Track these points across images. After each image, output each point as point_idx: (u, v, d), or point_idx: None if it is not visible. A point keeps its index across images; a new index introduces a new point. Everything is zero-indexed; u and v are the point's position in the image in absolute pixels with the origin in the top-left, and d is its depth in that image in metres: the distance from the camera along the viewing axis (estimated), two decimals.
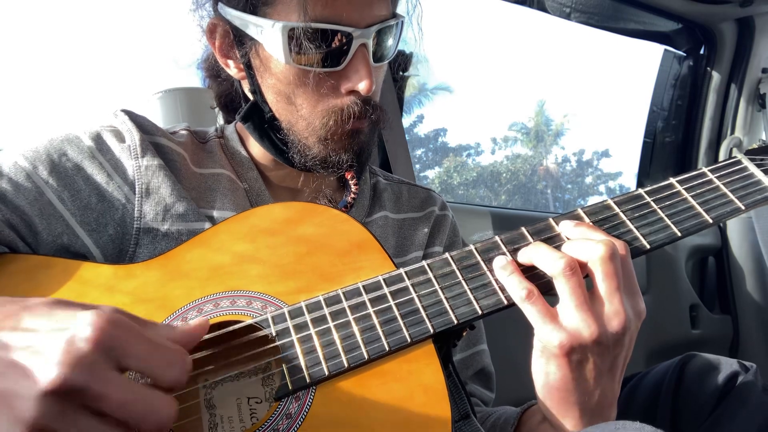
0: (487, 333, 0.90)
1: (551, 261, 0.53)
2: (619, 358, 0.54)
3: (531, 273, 0.56)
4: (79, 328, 0.39)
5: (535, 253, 0.56)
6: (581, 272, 0.53)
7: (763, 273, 2.05)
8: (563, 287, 0.52)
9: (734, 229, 2.14)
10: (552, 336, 0.51)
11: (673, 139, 2.24)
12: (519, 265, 0.57)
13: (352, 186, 0.79)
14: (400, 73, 1.60)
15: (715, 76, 2.12)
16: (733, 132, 2.14)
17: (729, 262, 2.13)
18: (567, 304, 0.52)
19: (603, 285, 0.52)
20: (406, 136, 1.69)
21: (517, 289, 0.54)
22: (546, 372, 0.54)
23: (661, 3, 1.90)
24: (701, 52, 2.16)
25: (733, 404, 0.71)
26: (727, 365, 0.75)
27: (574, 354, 0.52)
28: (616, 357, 0.53)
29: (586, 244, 0.54)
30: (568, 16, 1.89)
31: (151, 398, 0.40)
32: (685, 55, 2.19)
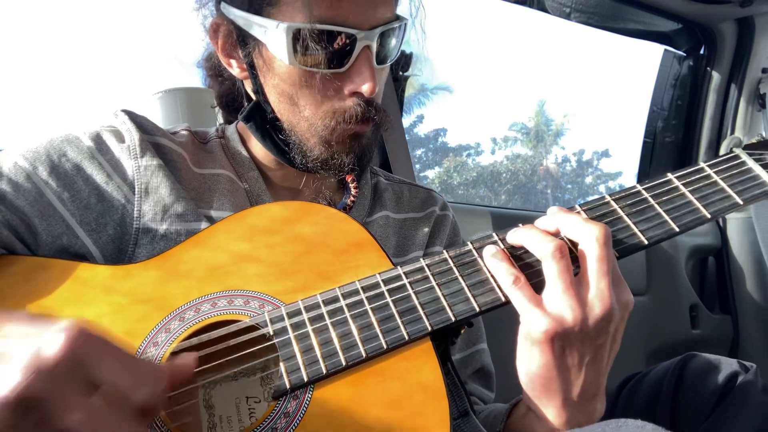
0: (487, 333, 0.90)
1: (541, 243, 0.54)
2: (604, 348, 0.53)
3: (521, 263, 0.57)
4: (51, 337, 0.38)
5: (526, 235, 0.56)
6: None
7: (763, 273, 2.05)
8: (551, 269, 0.52)
9: (734, 229, 2.14)
10: (536, 322, 0.51)
11: (673, 139, 2.24)
12: (511, 253, 0.57)
13: (352, 189, 0.79)
14: (401, 73, 1.60)
15: (715, 76, 2.12)
16: (733, 132, 2.14)
17: (729, 262, 2.13)
18: (553, 287, 0.52)
19: (594, 267, 0.52)
20: (406, 136, 1.69)
21: (505, 275, 0.55)
22: (529, 359, 0.54)
23: (661, 3, 1.90)
24: (701, 52, 2.16)
25: (732, 404, 0.71)
26: (727, 365, 0.75)
27: (558, 340, 0.52)
28: (600, 346, 0.53)
29: (582, 224, 0.54)
30: (568, 16, 1.89)
31: (117, 420, 0.38)
32: (685, 55, 2.19)
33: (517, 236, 0.57)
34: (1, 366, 0.37)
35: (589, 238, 0.53)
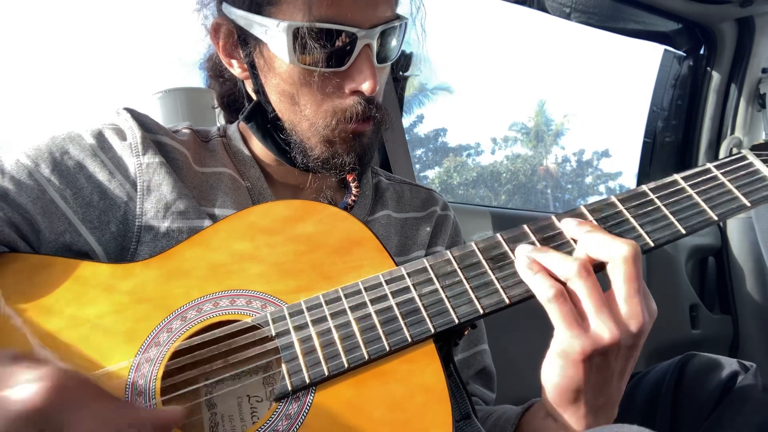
0: (487, 333, 0.90)
1: (564, 264, 0.53)
2: (631, 359, 0.54)
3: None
4: (21, 388, 0.37)
5: (545, 259, 0.55)
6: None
7: (763, 273, 2.05)
8: (580, 290, 0.51)
9: (734, 229, 2.13)
10: (575, 341, 0.51)
11: (673, 139, 2.24)
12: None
13: (353, 188, 0.79)
14: (401, 73, 1.60)
15: (715, 76, 2.12)
16: (733, 132, 2.14)
17: (729, 262, 2.13)
18: (587, 307, 0.51)
19: (624, 287, 0.51)
20: (406, 136, 1.69)
21: (544, 288, 0.53)
22: (561, 374, 0.53)
23: (661, 3, 1.90)
24: (701, 52, 2.16)
25: (732, 404, 0.71)
26: (727, 365, 0.75)
27: (594, 359, 0.51)
28: (629, 358, 0.53)
29: (610, 242, 0.53)
30: (568, 16, 1.89)
31: None
32: (685, 55, 2.19)
33: (536, 258, 0.56)
34: None
35: (618, 257, 0.52)
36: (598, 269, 0.54)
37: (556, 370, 0.54)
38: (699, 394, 0.74)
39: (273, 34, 0.67)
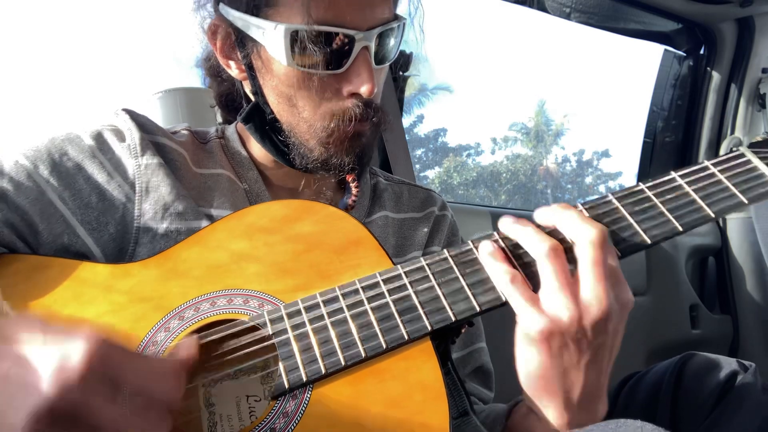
0: (485, 332, 0.90)
1: (536, 242, 0.53)
2: (603, 348, 0.53)
3: (520, 261, 0.56)
4: (73, 347, 0.39)
5: (521, 232, 0.56)
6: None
7: (763, 273, 2.05)
8: (546, 269, 0.52)
9: (734, 229, 2.13)
10: (532, 321, 0.51)
11: (673, 139, 2.24)
12: (510, 250, 0.57)
13: (353, 188, 0.79)
14: (401, 73, 1.60)
15: (715, 76, 2.12)
16: (733, 132, 2.14)
17: (729, 262, 2.13)
18: (549, 287, 0.51)
19: (588, 269, 0.51)
20: (406, 136, 1.69)
21: (501, 273, 0.54)
22: (527, 359, 0.53)
23: (661, 3, 1.90)
24: (701, 52, 2.16)
25: (732, 404, 0.71)
26: (727, 365, 0.75)
27: (554, 339, 0.51)
28: (599, 346, 0.52)
29: (579, 224, 0.53)
30: (568, 16, 1.89)
31: (145, 419, 0.40)
32: (685, 55, 2.19)
33: (512, 231, 0.57)
34: (29, 378, 0.38)
35: (584, 240, 0.52)
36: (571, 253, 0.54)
37: (523, 355, 0.54)
38: (698, 394, 0.74)
39: (270, 36, 0.67)
